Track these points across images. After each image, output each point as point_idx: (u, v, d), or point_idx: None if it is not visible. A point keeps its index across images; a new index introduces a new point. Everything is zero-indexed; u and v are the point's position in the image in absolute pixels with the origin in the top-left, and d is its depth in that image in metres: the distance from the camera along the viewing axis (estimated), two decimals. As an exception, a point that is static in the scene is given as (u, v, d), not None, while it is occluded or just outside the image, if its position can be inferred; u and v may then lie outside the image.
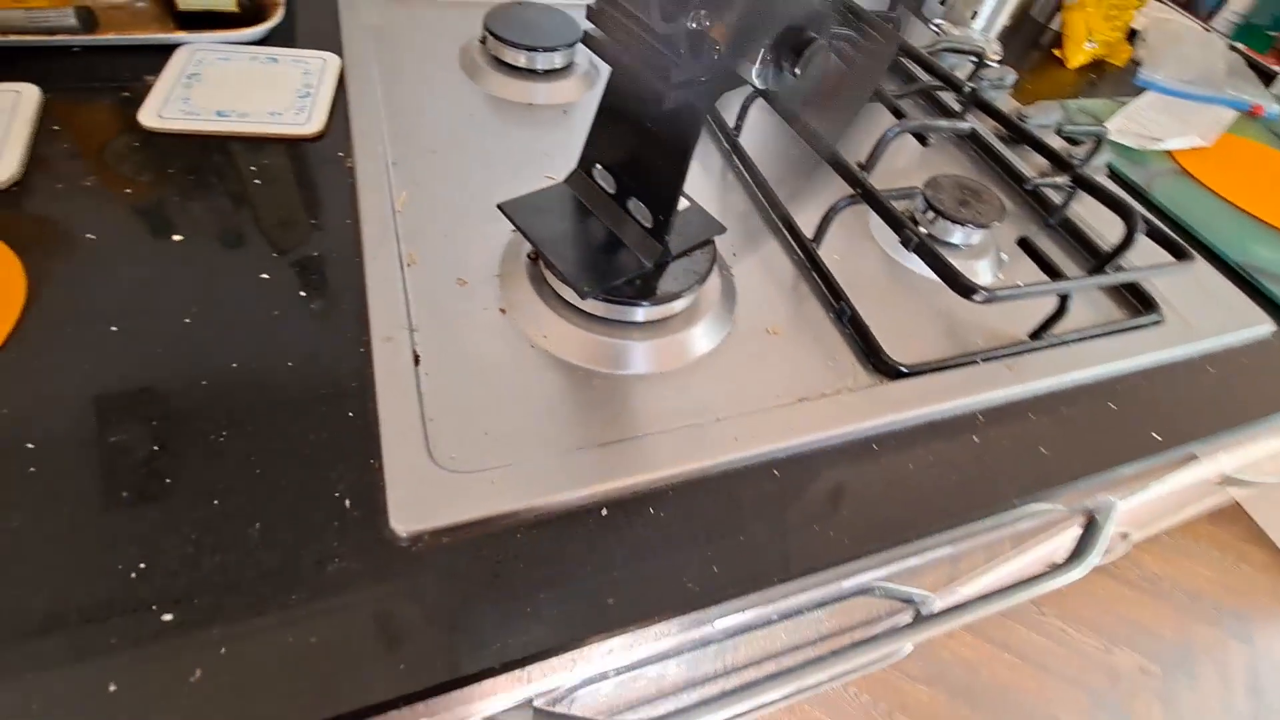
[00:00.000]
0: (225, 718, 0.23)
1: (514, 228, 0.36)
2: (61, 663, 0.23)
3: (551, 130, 0.50)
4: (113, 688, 0.23)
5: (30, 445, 0.27)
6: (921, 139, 0.51)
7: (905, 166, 0.54)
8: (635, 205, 0.35)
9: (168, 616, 0.24)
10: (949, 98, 0.60)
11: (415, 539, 0.27)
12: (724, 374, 0.36)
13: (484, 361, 0.34)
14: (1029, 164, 0.56)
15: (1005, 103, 0.63)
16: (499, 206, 0.36)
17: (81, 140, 0.40)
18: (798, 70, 0.23)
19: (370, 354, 0.32)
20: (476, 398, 0.32)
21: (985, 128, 0.59)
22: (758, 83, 0.24)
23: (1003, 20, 0.73)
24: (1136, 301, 0.47)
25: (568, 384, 0.34)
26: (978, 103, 0.57)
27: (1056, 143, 0.56)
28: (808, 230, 0.44)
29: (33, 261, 0.34)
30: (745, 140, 0.51)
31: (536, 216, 0.36)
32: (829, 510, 0.32)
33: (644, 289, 0.35)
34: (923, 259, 0.38)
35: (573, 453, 0.31)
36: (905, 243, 0.38)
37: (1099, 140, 0.50)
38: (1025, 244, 0.42)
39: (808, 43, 0.23)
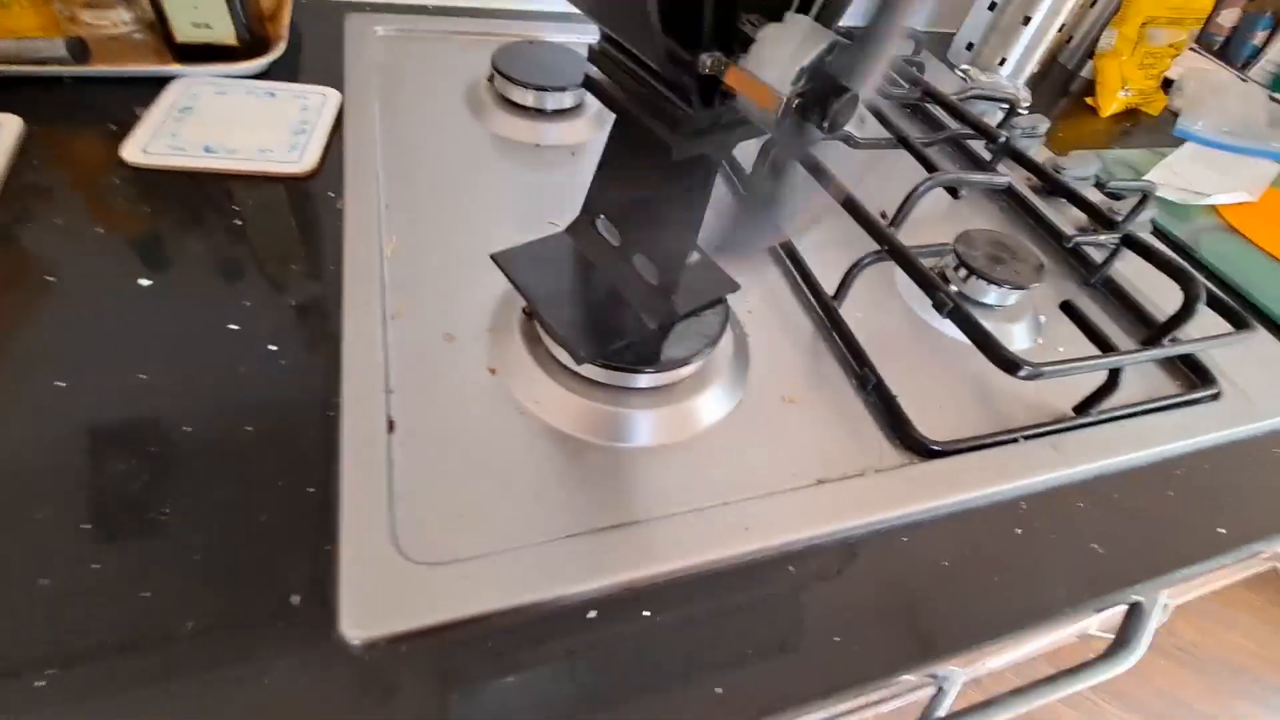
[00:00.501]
0: None
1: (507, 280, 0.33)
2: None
3: (558, 173, 0.47)
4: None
5: (-56, 520, 0.24)
6: (953, 192, 0.48)
7: (933, 219, 0.51)
8: (640, 260, 0.32)
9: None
10: (979, 146, 0.57)
11: (370, 646, 0.24)
12: (734, 449, 0.32)
13: (467, 429, 0.31)
14: (1065, 218, 0.53)
15: (1039, 153, 0.60)
16: (492, 257, 0.33)
17: (60, 175, 0.38)
18: (825, 124, 0.20)
19: (339, 419, 0.29)
20: (455, 472, 0.29)
21: (1018, 179, 0.56)
22: (777, 135, 0.21)
23: (1032, 66, 0.71)
24: (1191, 373, 0.42)
25: (559, 457, 0.31)
26: (1010, 152, 0.54)
27: (1096, 196, 0.53)
28: (829, 286, 0.40)
29: (-15, 305, 0.31)
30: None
31: (533, 269, 0.33)
32: (852, 617, 0.28)
33: (647, 353, 0.32)
34: (958, 325, 0.34)
35: (559, 541, 0.27)
36: (938, 306, 0.35)
37: (1145, 196, 0.47)
38: (1069, 309, 0.38)
39: (840, 92, 0.19)
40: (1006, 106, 0.57)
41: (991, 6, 0.70)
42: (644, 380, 0.32)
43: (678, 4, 0.20)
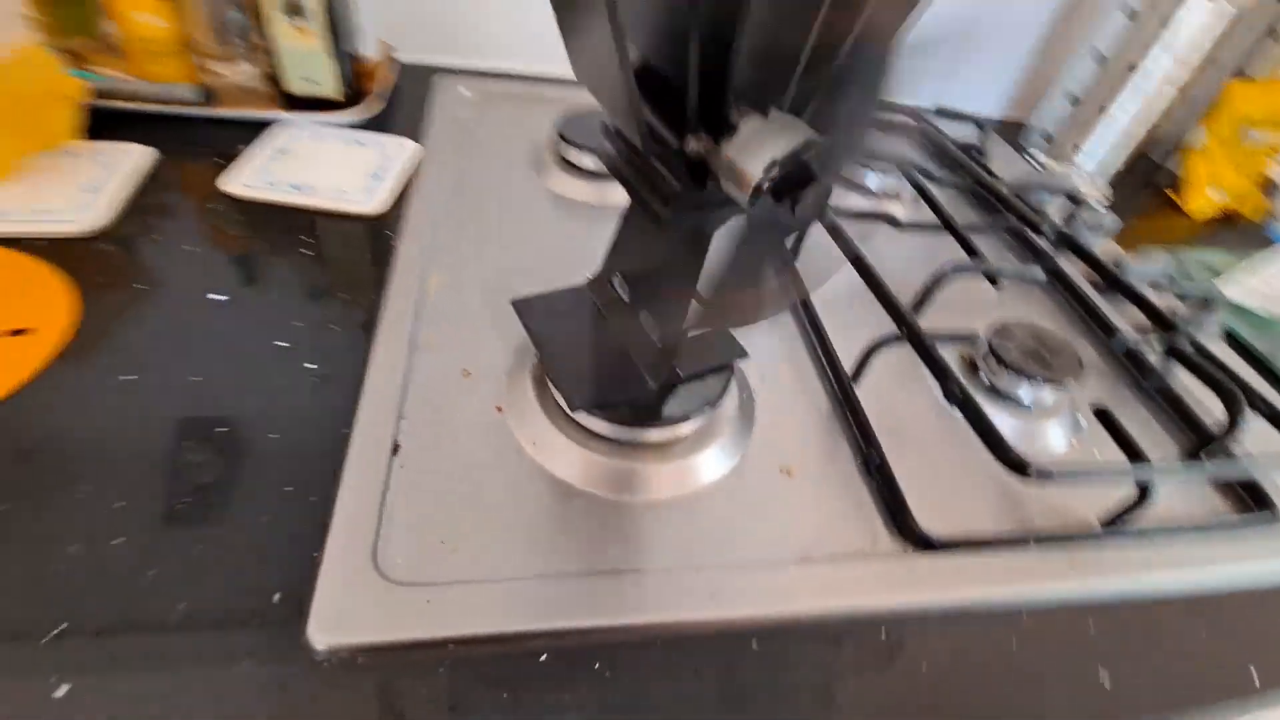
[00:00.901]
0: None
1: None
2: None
3: (605, 232, 0.50)
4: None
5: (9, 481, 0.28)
6: (992, 280, 0.47)
7: (977, 305, 0.50)
8: (646, 319, 0.33)
9: (63, 689, 0.23)
10: (1039, 236, 0.56)
11: (332, 652, 0.25)
12: (721, 513, 0.32)
13: (466, 460, 0.32)
14: (1125, 318, 0.50)
15: (1106, 248, 0.57)
16: (512, 303, 0.35)
17: (172, 198, 0.44)
18: (794, 210, 0.21)
19: (350, 437, 0.31)
20: (446, 500, 0.31)
21: (1077, 272, 0.54)
22: (752, 210, 0.22)
23: (1113, 160, 0.69)
24: (1246, 494, 0.39)
25: (546, 499, 0.32)
26: (1068, 244, 0.52)
27: (1163, 297, 0.50)
28: (849, 364, 0.40)
29: (89, 301, 0.36)
30: (800, 262, 0.49)
31: (549, 318, 0.35)
32: (806, 707, 0.27)
33: (643, 409, 0.33)
34: (966, 417, 0.33)
35: (529, 580, 0.28)
36: (948, 396, 0.34)
37: (1207, 301, 0.44)
38: (1103, 415, 0.36)
39: (809, 182, 0.20)
40: (1070, 198, 0.55)
41: (1075, 101, 0.69)
42: (634, 435, 0.33)
43: (670, 92, 0.22)
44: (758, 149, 0.21)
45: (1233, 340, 0.52)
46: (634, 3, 0.21)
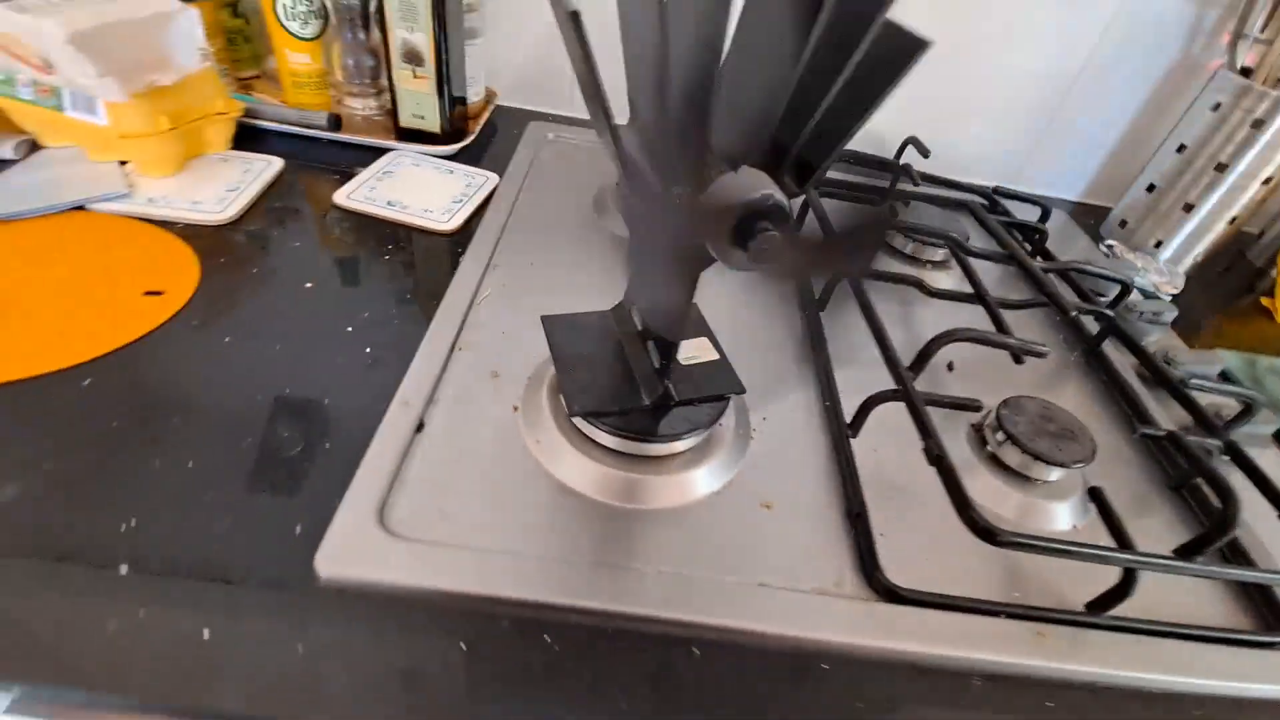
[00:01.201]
0: (133, 672, 0.26)
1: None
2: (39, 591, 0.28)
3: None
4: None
5: (103, 406, 0.35)
6: (1017, 358, 0.47)
7: (1012, 379, 0.50)
8: (651, 344, 0.37)
9: (124, 569, 0.29)
10: (1090, 320, 0.55)
11: (331, 581, 0.30)
12: (689, 529, 0.35)
13: (476, 447, 0.37)
14: (1169, 413, 0.48)
15: (1164, 340, 0.56)
16: (541, 318, 0.40)
17: (291, 204, 0.53)
18: (748, 251, 0.24)
19: (386, 411, 0.37)
20: (452, 477, 0.35)
21: (1126, 360, 0.52)
22: (718, 258, 0.25)
23: (1188, 254, 0.66)
24: (1265, 609, 0.37)
25: (539, 490, 0.36)
26: (1114, 330, 0.52)
27: (1209, 397, 0.48)
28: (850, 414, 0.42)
29: (209, 276, 0.44)
30: (828, 316, 0.51)
31: (571, 333, 0.40)
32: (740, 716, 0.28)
33: (636, 424, 0.36)
34: (941, 478, 0.34)
35: (502, 554, 0.32)
36: (925, 453, 0.35)
37: (1248, 406, 0.42)
38: (1095, 495, 0.36)
39: (762, 230, 0.24)
40: (1120, 284, 0.54)
41: (1150, 189, 0.68)
42: (628, 446, 0.36)
43: (665, 153, 0.26)
44: (725, 198, 0.25)
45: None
46: (635, 76, 0.26)
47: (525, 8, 0.68)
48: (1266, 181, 0.61)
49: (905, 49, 0.24)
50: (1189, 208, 0.65)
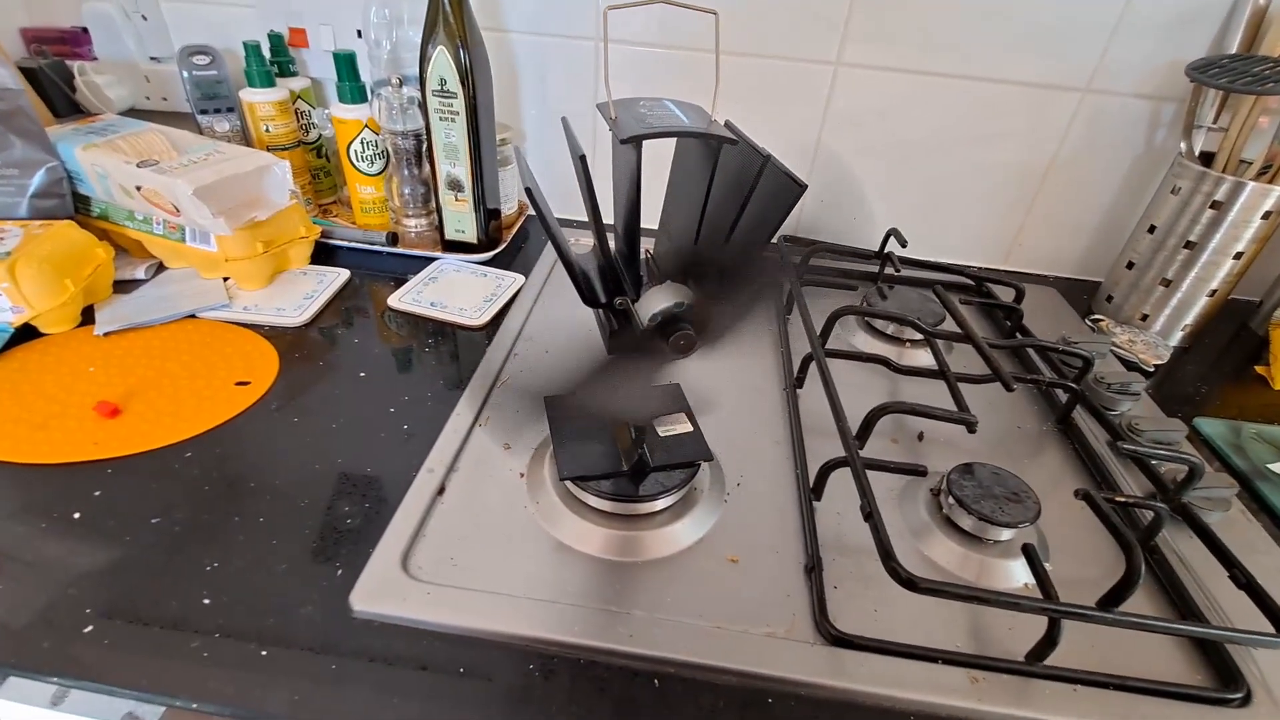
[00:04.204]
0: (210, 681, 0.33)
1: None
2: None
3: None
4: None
5: (199, 474, 0.45)
6: (969, 427, 0.51)
7: (990, 448, 0.54)
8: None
9: (206, 600, 0.37)
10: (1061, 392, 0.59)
11: (361, 615, 0.37)
12: (660, 578, 0.41)
13: (487, 508, 0.44)
14: (1136, 480, 0.51)
15: (1136, 409, 0.58)
16: (544, 398, 0.48)
17: (354, 305, 0.65)
18: (669, 344, 0.31)
19: (414, 478, 0.45)
20: (464, 532, 0.42)
21: (1092, 429, 0.56)
22: (644, 348, 0.33)
23: (1184, 325, 0.69)
24: (1217, 666, 0.39)
25: (537, 544, 0.42)
26: (1082, 400, 0.55)
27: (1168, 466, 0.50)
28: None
29: (285, 367, 0.55)
30: (804, 393, 0.57)
31: (568, 413, 0.47)
32: (682, 735, 0.33)
33: (618, 487, 0.43)
34: (871, 530, 0.39)
35: (496, 596, 0.38)
36: (861, 509, 0.40)
37: (1191, 471, 0.45)
38: (1027, 551, 0.40)
39: (681, 329, 0.31)
40: (1083, 359, 0.58)
41: (1129, 266, 0.72)
42: (597, 502, 0.43)
43: (609, 274, 0.35)
44: (653, 305, 0.32)
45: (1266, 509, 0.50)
46: (619, 208, 0.34)
47: (560, 140, 0.81)
48: (1238, 256, 0.65)
49: (791, 187, 0.32)
50: (1167, 283, 0.68)
